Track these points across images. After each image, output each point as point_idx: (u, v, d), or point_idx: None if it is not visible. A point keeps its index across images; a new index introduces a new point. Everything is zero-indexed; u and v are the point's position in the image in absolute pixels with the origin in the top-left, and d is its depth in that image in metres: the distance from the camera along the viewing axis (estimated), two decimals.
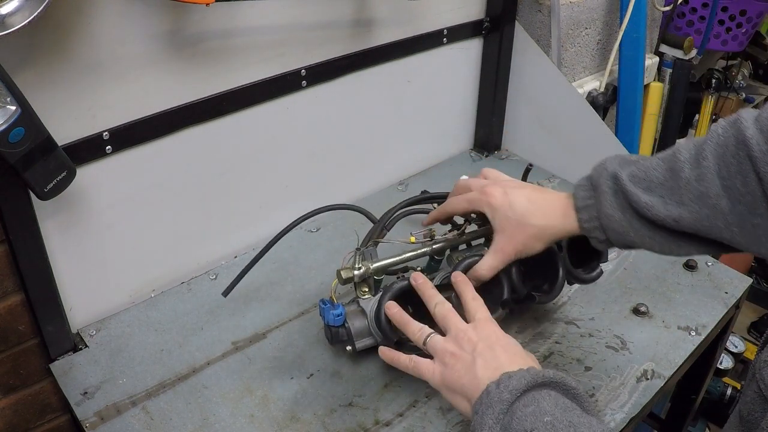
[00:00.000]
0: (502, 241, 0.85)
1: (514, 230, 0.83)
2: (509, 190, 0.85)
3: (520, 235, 0.83)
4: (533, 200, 0.83)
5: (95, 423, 0.91)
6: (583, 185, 0.80)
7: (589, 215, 0.78)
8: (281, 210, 1.22)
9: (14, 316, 0.97)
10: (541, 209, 0.82)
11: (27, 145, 0.80)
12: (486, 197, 0.85)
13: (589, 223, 0.78)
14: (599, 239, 0.79)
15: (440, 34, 1.37)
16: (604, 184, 0.76)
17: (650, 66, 1.87)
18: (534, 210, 0.82)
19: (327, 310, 0.94)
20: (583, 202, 0.79)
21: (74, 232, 0.99)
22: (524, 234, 0.83)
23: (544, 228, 0.82)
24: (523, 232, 0.83)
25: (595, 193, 0.78)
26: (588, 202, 0.78)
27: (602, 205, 0.76)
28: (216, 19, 1.00)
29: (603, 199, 0.76)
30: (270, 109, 1.15)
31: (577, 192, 0.80)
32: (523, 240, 0.83)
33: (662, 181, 0.72)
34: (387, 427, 0.92)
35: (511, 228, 0.83)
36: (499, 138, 1.61)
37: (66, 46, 0.86)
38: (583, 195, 0.79)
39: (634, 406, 0.95)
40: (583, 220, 0.79)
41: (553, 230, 0.82)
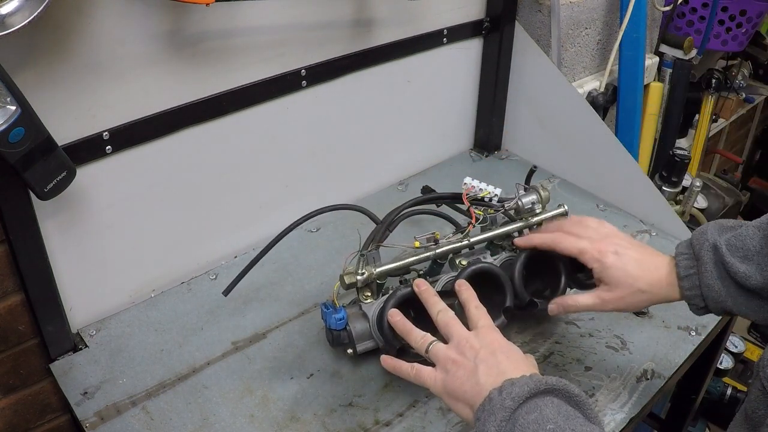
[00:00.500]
0: (606, 293, 0.87)
1: (622, 289, 0.86)
2: (621, 250, 0.87)
3: (625, 295, 0.86)
4: (642, 264, 0.86)
5: (95, 423, 0.91)
6: (685, 254, 0.84)
7: (690, 284, 0.82)
8: (281, 210, 1.22)
9: (14, 316, 0.97)
10: (649, 275, 0.85)
11: (27, 145, 0.80)
12: (600, 255, 0.87)
13: (691, 291, 0.82)
14: (698, 306, 0.83)
15: (440, 34, 1.37)
16: (706, 254, 0.81)
17: (650, 66, 1.86)
18: (643, 275, 0.85)
19: (329, 314, 0.94)
20: (686, 271, 0.83)
21: (74, 232, 0.99)
22: (629, 295, 0.86)
23: (649, 293, 0.85)
24: (630, 293, 0.86)
25: (697, 263, 0.82)
26: (690, 272, 0.82)
27: (703, 275, 0.81)
28: (216, 19, 1.00)
29: (704, 270, 0.81)
30: (270, 109, 1.15)
31: (680, 261, 0.84)
32: (627, 299, 0.86)
33: (758, 249, 0.78)
34: (387, 427, 0.92)
35: (619, 287, 0.86)
36: (499, 138, 1.61)
37: (66, 46, 0.86)
38: (686, 264, 0.83)
39: (634, 406, 0.95)
40: (684, 288, 0.83)
41: (656, 297, 0.86)
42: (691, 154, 2.14)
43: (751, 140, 3.28)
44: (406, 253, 0.98)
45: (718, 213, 1.97)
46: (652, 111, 1.91)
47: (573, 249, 0.90)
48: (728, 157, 2.89)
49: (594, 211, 1.40)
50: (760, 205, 3.00)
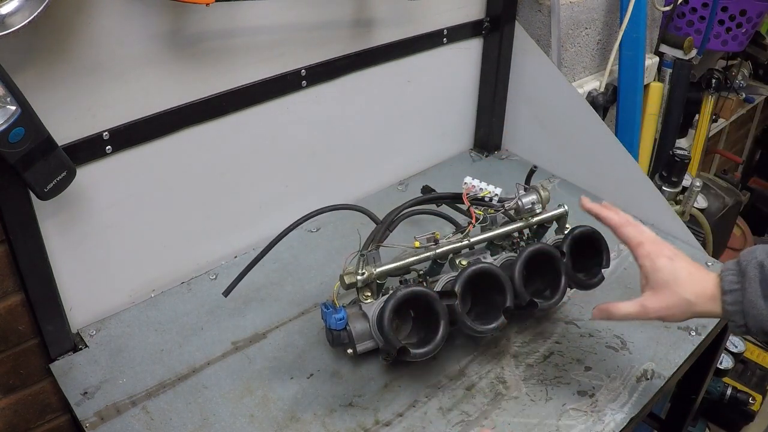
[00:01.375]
0: (651, 300, 0.87)
1: (666, 295, 0.85)
2: (674, 257, 0.87)
3: (670, 302, 0.85)
4: (692, 274, 0.86)
5: (95, 423, 0.91)
6: (732, 269, 0.83)
7: (733, 299, 0.81)
8: (281, 210, 1.22)
9: (14, 316, 0.97)
10: (696, 286, 0.85)
11: (27, 145, 0.80)
12: (654, 255, 0.87)
13: (732, 307, 0.81)
14: (737, 324, 0.82)
15: (440, 34, 1.37)
16: (752, 271, 0.80)
17: (650, 66, 1.86)
18: (691, 284, 0.85)
19: (329, 314, 0.94)
20: (730, 286, 0.82)
21: (74, 232, 0.99)
22: (674, 303, 0.85)
23: (693, 305, 0.84)
24: (674, 301, 0.85)
25: (742, 279, 0.81)
26: (734, 287, 0.81)
27: (747, 291, 0.80)
28: (216, 19, 1.00)
29: (748, 286, 0.80)
30: (270, 109, 1.15)
31: (725, 275, 0.83)
32: (671, 307, 0.85)
33: None
34: (387, 427, 0.92)
35: (665, 293, 0.86)
36: (499, 138, 1.61)
37: (66, 46, 0.86)
38: (731, 279, 0.82)
39: (634, 406, 0.95)
40: (727, 302, 0.82)
41: (698, 309, 0.84)
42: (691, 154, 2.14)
43: (751, 140, 3.28)
44: (406, 253, 0.99)
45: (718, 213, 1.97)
46: (652, 111, 1.91)
47: (635, 238, 0.89)
48: (728, 157, 2.89)
49: None
50: (760, 205, 3.00)
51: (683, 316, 0.86)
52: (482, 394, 0.97)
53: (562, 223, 1.09)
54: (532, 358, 1.03)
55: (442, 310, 0.91)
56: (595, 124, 1.39)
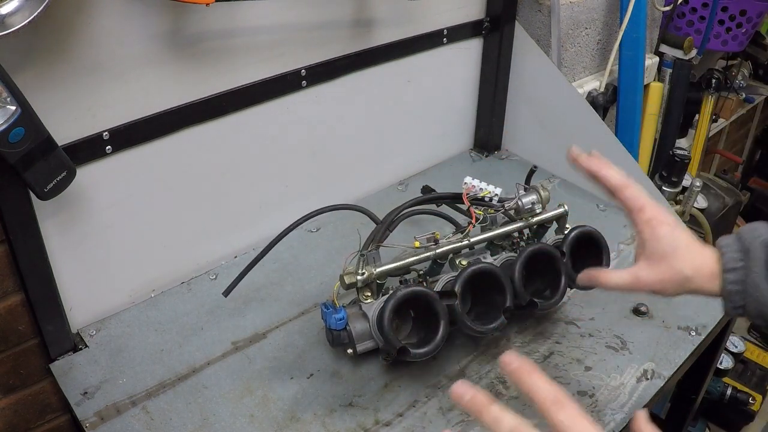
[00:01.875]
0: (645, 270, 0.80)
1: (663, 267, 0.79)
2: (676, 228, 0.80)
3: (665, 274, 0.79)
4: (691, 247, 0.79)
5: (95, 423, 0.91)
6: (733, 246, 0.77)
7: (735, 278, 0.75)
8: (281, 210, 1.22)
9: (14, 316, 0.97)
10: (695, 260, 0.78)
11: (27, 145, 0.80)
12: (655, 222, 0.80)
13: (733, 286, 0.75)
14: (735, 305, 0.76)
15: (440, 34, 1.37)
16: (758, 250, 0.74)
17: (650, 66, 1.86)
18: (689, 257, 0.78)
19: (329, 314, 0.94)
20: (732, 264, 0.76)
21: (74, 232, 0.99)
22: (669, 275, 0.79)
23: (689, 279, 0.78)
24: (669, 273, 0.79)
25: (746, 258, 0.75)
26: (737, 265, 0.75)
27: (751, 271, 0.74)
28: (216, 19, 1.00)
29: (753, 266, 0.74)
30: (270, 109, 1.15)
31: (726, 252, 0.77)
32: (665, 281, 0.79)
33: None
34: (387, 427, 0.92)
35: (660, 263, 0.79)
36: (499, 138, 1.61)
37: (66, 46, 0.86)
38: (733, 257, 0.76)
39: (634, 406, 0.95)
40: (728, 281, 0.76)
41: (694, 285, 0.78)
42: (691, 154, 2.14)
43: (751, 140, 3.28)
44: (406, 253, 0.99)
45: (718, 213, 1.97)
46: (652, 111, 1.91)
47: (636, 202, 0.81)
48: (728, 157, 2.89)
49: (594, 211, 1.40)
50: (760, 205, 3.00)
51: (677, 291, 0.80)
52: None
53: (562, 223, 1.09)
54: (532, 358, 1.03)
55: (442, 310, 0.91)
56: (595, 124, 1.39)
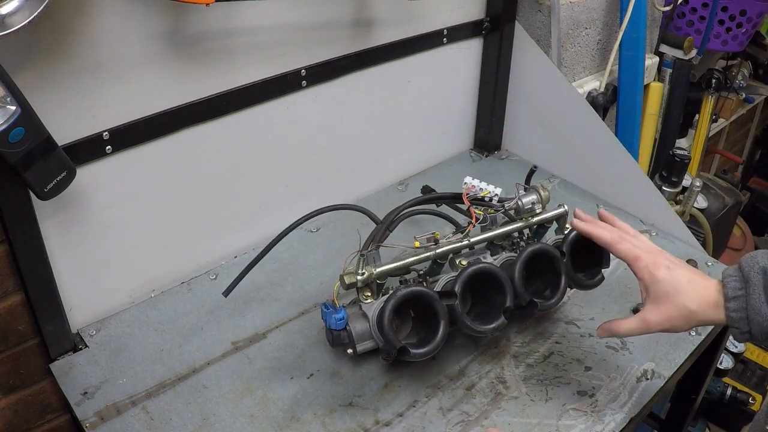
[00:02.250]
0: (652, 313, 0.85)
1: (668, 307, 0.84)
2: (672, 267, 0.86)
3: (672, 313, 0.84)
4: (692, 283, 0.84)
5: (95, 423, 0.91)
6: (734, 276, 0.82)
7: (737, 306, 0.80)
8: (281, 210, 1.22)
9: (14, 316, 0.97)
10: (697, 294, 0.83)
11: (27, 145, 0.80)
12: (653, 267, 0.86)
13: (736, 314, 0.80)
14: (742, 330, 0.81)
15: (440, 34, 1.37)
16: (755, 277, 0.79)
17: (650, 66, 1.86)
18: (693, 293, 0.83)
19: (329, 314, 0.94)
20: (734, 292, 0.81)
21: (74, 232, 0.99)
22: (676, 313, 0.84)
23: (695, 313, 0.83)
24: (676, 311, 0.84)
25: (746, 285, 0.80)
26: (738, 293, 0.80)
27: (751, 297, 0.79)
28: (216, 19, 1.00)
29: (752, 292, 0.79)
30: (270, 109, 1.15)
31: (728, 282, 0.82)
32: (673, 318, 0.84)
33: None
34: (387, 427, 0.92)
35: (666, 304, 0.84)
36: (499, 138, 1.61)
37: (66, 46, 0.86)
38: (734, 285, 0.81)
39: (634, 406, 0.95)
40: (730, 309, 0.81)
41: (701, 317, 0.83)
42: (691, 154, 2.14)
43: (751, 140, 3.28)
44: (406, 253, 0.99)
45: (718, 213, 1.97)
46: (652, 111, 1.91)
47: (630, 253, 0.88)
48: (728, 157, 2.89)
49: (594, 211, 1.40)
50: (760, 205, 3.00)
51: (686, 326, 0.85)
52: (482, 394, 0.97)
53: (562, 223, 1.09)
54: (532, 358, 1.03)
55: (442, 310, 0.91)
56: (595, 124, 1.39)
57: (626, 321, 0.88)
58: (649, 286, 0.86)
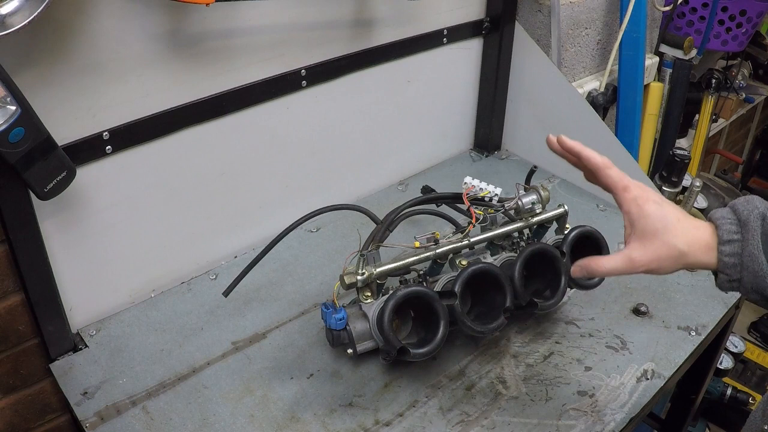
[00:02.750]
0: (638, 250, 0.78)
1: (656, 244, 0.77)
2: (662, 203, 0.79)
3: (659, 251, 0.77)
4: (682, 221, 0.78)
5: (95, 423, 0.91)
6: (729, 218, 0.76)
7: (732, 250, 0.74)
8: (281, 210, 1.22)
9: (14, 316, 0.97)
10: (688, 233, 0.77)
11: (27, 145, 0.80)
12: (641, 201, 0.78)
13: (730, 259, 0.74)
14: (731, 278, 0.75)
15: (440, 34, 1.37)
16: (754, 222, 0.74)
17: (650, 66, 1.86)
18: (681, 232, 0.77)
19: (329, 314, 0.94)
20: (729, 236, 0.75)
21: (74, 232, 0.99)
22: (663, 251, 0.77)
23: (684, 254, 0.76)
24: (664, 249, 0.77)
25: (743, 230, 0.74)
26: (733, 237, 0.75)
27: (748, 243, 0.73)
28: (216, 19, 1.00)
29: (750, 238, 0.73)
30: (270, 108, 1.15)
31: (722, 224, 0.76)
32: (661, 258, 0.77)
33: None
34: (387, 427, 0.92)
35: (653, 241, 0.77)
36: (499, 138, 1.61)
37: (66, 46, 0.86)
38: (729, 228, 0.75)
39: (634, 406, 0.95)
40: (724, 253, 0.75)
41: (690, 259, 0.77)
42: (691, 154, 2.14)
43: (751, 140, 3.28)
44: (406, 253, 0.99)
45: None
46: (652, 111, 1.91)
47: (620, 181, 0.80)
48: (728, 157, 2.89)
49: (594, 211, 1.40)
50: None
51: (673, 267, 0.78)
52: (482, 394, 0.97)
53: (562, 223, 1.09)
54: (532, 358, 1.03)
55: (442, 310, 0.91)
56: (595, 124, 1.39)
57: (608, 258, 0.79)
58: (636, 220, 0.78)
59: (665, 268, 0.78)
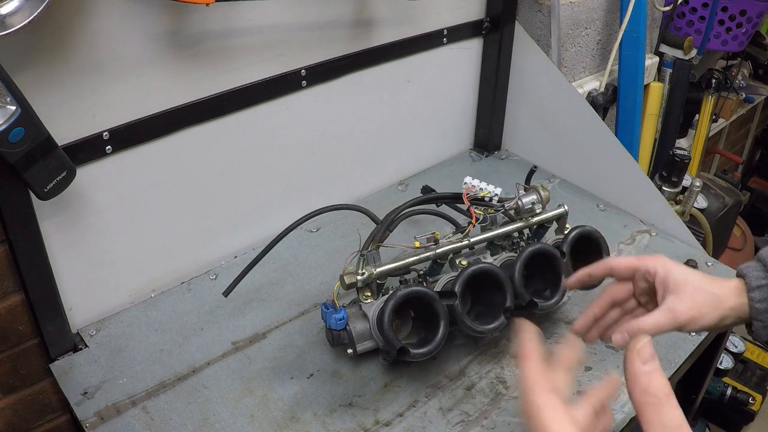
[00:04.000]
0: (676, 302, 0.77)
1: (692, 293, 0.77)
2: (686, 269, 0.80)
3: (698, 298, 0.77)
4: (707, 278, 0.79)
5: (95, 423, 0.91)
6: (755, 266, 0.78)
7: (762, 296, 0.76)
8: (281, 210, 1.22)
9: (14, 316, 0.97)
10: (716, 285, 0.78)
11: (27, 145, 0.80)
12: (659, 259, 0.80)
13: (761, 304, 0.76)
14: (765, 323, 0.77)
15: (440, 34, 1.37)
16: None
17: (650, 66, 1.86)
18: (711, 282, 0.78)
19: (329, 314, 0.94)
20: (757, 282, 0.77)
21: (74, 232, 0.99)
22: (701, 299, 0.77)
23: (721, 298, 0.77)
24: (701, 296, 0.77)
25: None
26: (762, 282, 0.77)
27: None
28: (216, 19, 1.00)
29: None
30: (270, 109, 1.15)
31: (749, 272, 0.78)
32: (700, 305, 0.77)
33: None
34: (387, 427, 0.92)
35: (688, 290, 0.77)
36: (499, 138, 1.61)
37: (66, 46, 0.86)
38: (757, 275, 0.77)
39: None
40: (755, 299, 0.76)
41: (728, 303, 0.77)
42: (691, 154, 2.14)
43: (751, 140, 3.28)
44: (406, 253, 0.99)
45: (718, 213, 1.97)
46: (652, 111, 1.91)
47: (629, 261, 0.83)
48: (728, 157, 2.89)
49: (594, 211, 1.40)
50: (760, 205, 3.00)
51: (714, 313, 0.77)
52: (482, 394, 0.97)
53: (562, 223, 1.09)
54: None
55: (442, 310, 0.91)
56: (595, 124, 1.39)
57: (650, 316, 0.77)
58: (667, 275, 0.78)
59: (708, 316, 0.77)
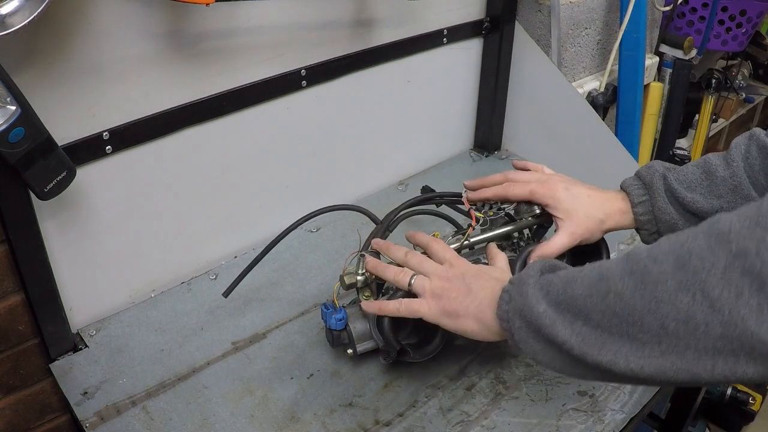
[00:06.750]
0: (571, 226, 0.90)
1: (580, 219, 0.90)
2: (570, 186, 0.93)
3: (587, 223, 0.90)
4: (593, 198, 0.92)
5: (95, 423, 0.91)
6: (636, 185, 0.91)
7: (644, 210, 0.90)
8: (281, 210, 1.22)
9: (14, 316, 0.97)
10: (602, 206, 0.92)
11: (27, 145, 0.80)
12: (551, 192, 0.92)
13: (644, 216, 0.90)
14: (650, 231, 0.91)
15: (440, 34, 1.37)
16: (657, 182, 0.89)
17: (650, 66, 1.87)
18: (595, 207, 0.91)
19: (329, 314, 0.94)
20: (639, 198, 0.91)
21: (74, 232, 0.99)
22: (590, 223, 0.90)
23: (603, 221, 0.91)
24: (586, 221, 0.90)
25: (649, 191, 0.90)
26: (643, 199, 0.90)
27: (656, 200, 0.89)
28: (216, 19, 1.00)
29: (656, 195, 0.89)
30: (270, 109, 1.15)
31: (631, 190, 0.91)
32: (589, 228, 0.90)
33: (700, 181, 0.87)
34: (387, 427, 0.92)
35: (577, 217, 0.90)
36: (499, 138, 1.61)
37: (66, 46, 0.86)
38: (638, 193, 0.91)
39: (634, 406, 0.95)
40: (638, 213, 0.91)
41: (611, 223, 0.92)
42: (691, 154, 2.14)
43: None
44: None
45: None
46: (652, 111, 1.91)
47: (523, 193, 0.94)
48: None
49: None
50: None
51: (600, 233, 0.92)
52: (482, 394, 0.97)
53: None
54: None
55: None
56: (595, 124, 1.39)
57: (555, 241, 0.91)
58: (556, 206, 0.91)
59: (595, 235, 0.92)
